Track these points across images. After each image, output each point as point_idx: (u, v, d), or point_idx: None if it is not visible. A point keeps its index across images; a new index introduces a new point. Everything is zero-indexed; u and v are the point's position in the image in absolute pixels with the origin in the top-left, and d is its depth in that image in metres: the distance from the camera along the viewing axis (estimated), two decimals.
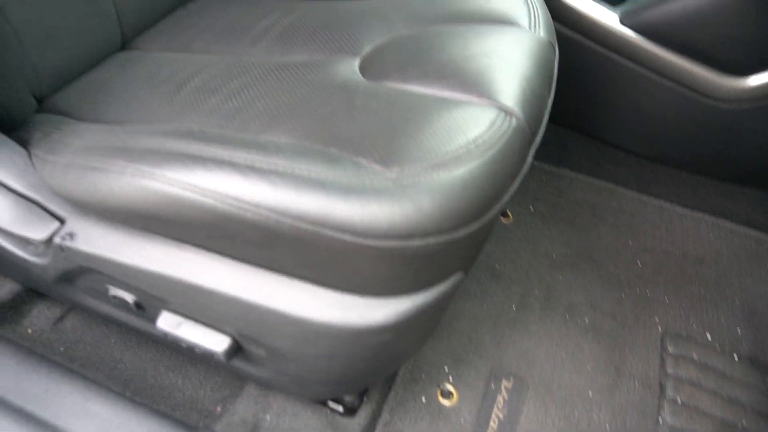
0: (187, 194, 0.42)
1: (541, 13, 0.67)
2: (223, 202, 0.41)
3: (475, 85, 0.53)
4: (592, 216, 0.93)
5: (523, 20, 0.65)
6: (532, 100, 0.55)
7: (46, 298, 0.74)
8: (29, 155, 0.57)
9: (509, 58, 0.57)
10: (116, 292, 0.56)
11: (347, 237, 0.41)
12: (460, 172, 0.45)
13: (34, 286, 0.71)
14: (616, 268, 0.86)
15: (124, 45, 0.76)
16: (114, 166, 0.45)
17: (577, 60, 0.86)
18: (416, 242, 0.42)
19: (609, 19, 0.81)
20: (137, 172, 0.44)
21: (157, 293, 0.51)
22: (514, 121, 0.51)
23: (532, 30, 0.63)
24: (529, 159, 0.54)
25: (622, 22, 0.81)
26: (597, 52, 0.84)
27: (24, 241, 0.57)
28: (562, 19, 0.83)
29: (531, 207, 0.93)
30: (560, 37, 0.84)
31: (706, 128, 0.84)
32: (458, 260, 0.49)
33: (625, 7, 0.82)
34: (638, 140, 0.91)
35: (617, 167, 0.98)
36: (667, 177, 0.98)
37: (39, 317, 0.71)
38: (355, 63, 0.61)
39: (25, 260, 0.58)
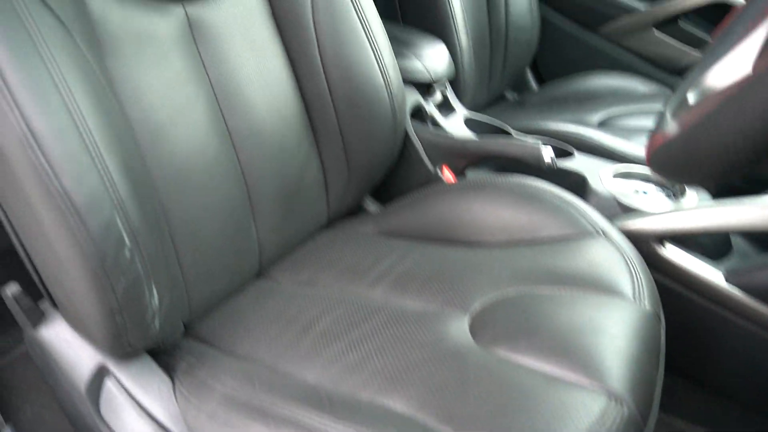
0: None
1: (644, 279, 0.71)
2: None
3: (583, 365, 0.56)
4: None
5: (627, 289, 0.68)
6: (641, 384, 0.56)
7: None
8: (173, 385, 0.65)
9: (617, 336, 0.60)
10: None
11: None
12: None
13: None
14: None
15: (260, 273, 0.87)
16: (252, 430, 0.51)
17: (681, 310, 0.86)
18: None
19: (713, 276, 0.83)
20: None
21: None
22: (624, 411, 0.51)
23: (637, 301, 0.66)
24: None
25: (727, 280, 0.82)
26: (702, 306, 0.84)
27: None
28: (664, 271, 0.86)
29: None
30: (662, 287, 0.86)
31: None
32: None
33: (729, 264, 0.84)
34: (755, 396, 0.86)
35: (734, 421, 0.91)
36: None
37: None
38: (465, 321, 0.67)
39: None
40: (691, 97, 0.46)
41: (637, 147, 1.10)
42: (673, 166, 0.44)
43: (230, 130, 0.76)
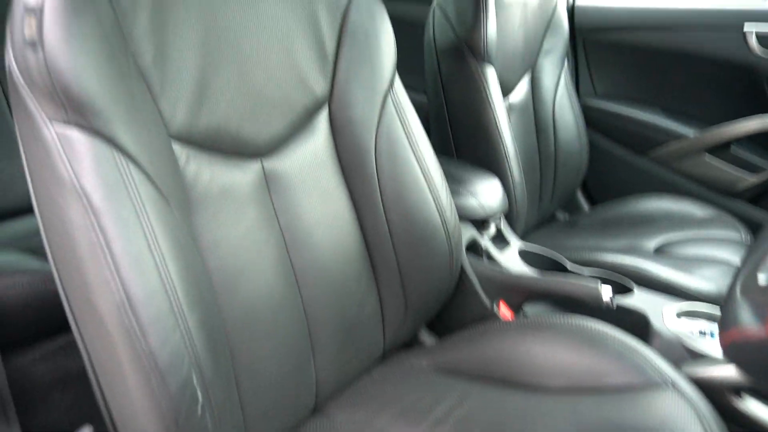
0: None
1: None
2: None
3: None
4: None
5: None
6: None
7: None
8: None
9: None
10: None
11: None
12: None
13: None
14: None
15: (315, 409, 0.87)
16: None
17: None
18: None
19: None
20: None
21: None
22: None
23: None
24: None
25: None
26: None
27: None
28: (744, 427, 0.80)
29: None
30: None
31: None
32: None
33: None
34: None
35: None
36: None
37: None
38: None
39: None
40: (763, 278, 0.46)
41: (700, 281, 1.08)
42: (757, 367, 0.43)
43: (296, 271, 0.80)
